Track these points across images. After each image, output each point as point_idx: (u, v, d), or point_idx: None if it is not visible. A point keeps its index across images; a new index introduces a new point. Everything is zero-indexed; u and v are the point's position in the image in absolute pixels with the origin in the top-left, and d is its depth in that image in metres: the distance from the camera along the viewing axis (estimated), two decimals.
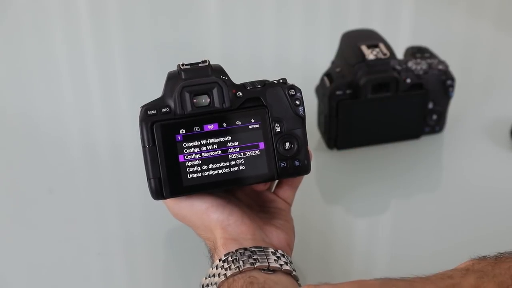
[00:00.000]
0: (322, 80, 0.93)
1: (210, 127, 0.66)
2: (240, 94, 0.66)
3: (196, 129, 0.65)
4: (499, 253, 0.60)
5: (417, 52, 0.96)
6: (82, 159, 0.97)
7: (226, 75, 0.67)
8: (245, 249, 0.64)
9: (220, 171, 0.66)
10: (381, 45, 0.91)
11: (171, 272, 0.78)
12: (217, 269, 0.63)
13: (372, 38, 0.93)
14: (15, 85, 1.14)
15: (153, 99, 0.67)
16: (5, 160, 0.96)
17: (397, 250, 0.81)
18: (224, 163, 0.66)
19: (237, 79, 0.68)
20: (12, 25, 1.35)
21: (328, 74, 0.92)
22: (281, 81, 0.68)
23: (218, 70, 0.67)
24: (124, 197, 0.89)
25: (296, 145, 0.67)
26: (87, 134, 1.01)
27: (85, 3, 1.41)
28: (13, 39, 1.30)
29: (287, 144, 0.67)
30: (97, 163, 0.96)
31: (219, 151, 0.66)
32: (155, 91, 0.69)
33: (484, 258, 0.59)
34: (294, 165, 0.67)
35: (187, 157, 0.65)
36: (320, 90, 0.93)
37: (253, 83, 0.67)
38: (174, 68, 0.69)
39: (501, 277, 0.56)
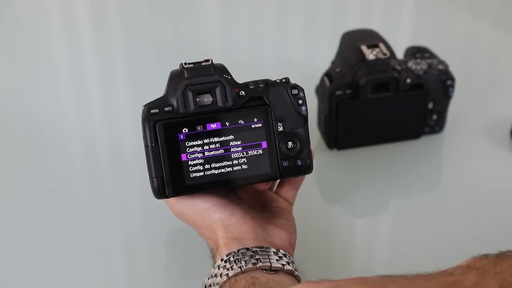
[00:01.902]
0: (322, 80, 0.93)
1: (213, 126, 0.66)
2: (243, 93, 0.66)
3: (199, 128, 0.65)
4: (500, 251, 0.60)
5: (417, 52, 0.96)
6: (82, 158, 0.97)
7: (229, 74, 0.67)
8: (247, 249, 0.64)
9: (223, 170, 0.66)
10: (381, 45, 0.91)
11: (172, 272, 0.78)
12: (219, 269, 0.63)
13: (372, 38, 0.93)
14: (14, 85, 1.14)
15: (154, 98, 0.66)
16: (5, 159, 0.96)
17: (397, 250, 0.81)
18: (227, 162, 0.66)
19: (237, 79, 0.68)
20: (11, 25, 1.35)
21: (328, 74, 0.92)
22: (283, 80, 0.68)
23: (221, 69, 0.67)
24: (124, 197, 0.89)
25: (298, 145, 0.67)
26: (87, 134, 1.01)
27: (85, 3, 1.40)
28: (12, 39, 1.30)
29: (290, 143, 0.67)
30: (97, 162, 0.96)
31: (222, 150, 0.66)
32: (156, 91, 0.69)
33: (485, 256, 0.59)
34: (297, 165, 0.67)
35: (189, 156, 0.65)
36: (320, 90, 0.93)
37: (255, 82, 0.67)
38: (174, 67, 0.69)
39: (502, 275, 0.56)
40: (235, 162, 0.66)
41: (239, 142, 0.66)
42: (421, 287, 0.54)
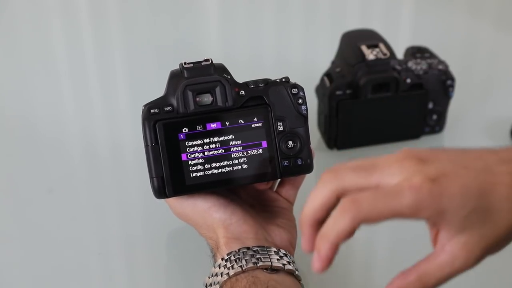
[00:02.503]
0: (322, 80, 0.93)
1: (213, 125, 0.66)
2: (243, 92, 0.66)
3: (199, 127, 0.65)
4: None
5: (417, 52, 0.96)
6: (82, 159, 0.97)
7: (228, 73, 0.67)
8: (248, 248, 0.64)
9: (223, 170, 0.66)
10: (381, 45, 0.91)
11: (172, 271, 0.78)
12: (219, 268, 0.63)
13: (372, 38, 0.93)
14: (14, 85, 1.14)
15: (153, 98, 0.66)
16: (5, 160, 0.96)
17: (397, 249, 0.81)
18: (227, 162, 0.66)
19: (237, 79, 0.68)
20: (11, 25, 1.35)
21: (328, 74, 0.92)
22: (283, 79, 0.68)
23: (221, 69, 0.67)
24: (124, 197, 0.89)
25: (298, 144, 0.67)
26: (87, 134, 1.01)
27: (85, 3, 1.40)
28: (12, 39, 1.29)
29: (290, 142, 0.67)
30: (97, 162, 0.95)
31: (222, 150, 0.66)
32: (155, 91, 0.69)
33: None
34: (297, 164, 0.67)
35: (189, 156, 0.65)
36: (320, 90, 0.93)
37: (255, 82, 0.67)
38: (174, 67, 0.68)
39: None
40: (235, 161, 0.66)
41: (239, 142, 0.66)
42: (476, 159, 0.50)
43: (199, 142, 0.65)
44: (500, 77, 1.15)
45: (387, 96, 0.91)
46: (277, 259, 0.64)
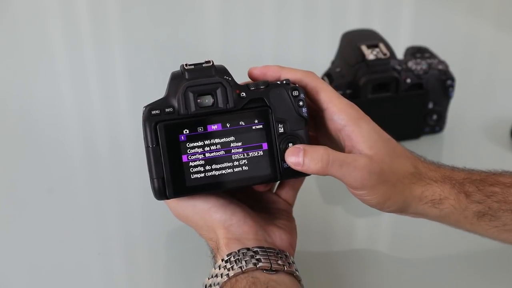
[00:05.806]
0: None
1: (214, 127, 0.66)
2: (244, 94, 0.66)
3: (200, 129, 0.65)
4: None
5: (417, 52, 0.96)
6: (82, 159, 0.97)
7: (229, 75, 0.67)
8: (248, 249, 0.64)
9: (223, 171, 0.66)
10: (381, 45, 0.91)
11: (172, 272, 0.78)
12: (219, 269, 0.63)
13: (372, 38, 0.93)
14: (14, 85, 1.14)
15: (153, 99, 0.66)
16: (5, 160, 0.96)
17: (397, 250, 0.82)
18: (228, 164, 0.66)
19: (237, 79, 0.68)
20: (11, 25, 1.35)
21: (328, 74, 0.92)
22: (284, 82, 0.68)
23: (222, 71, 0.67)
24: (124, 197, 0.89)
25: None
26: (87, 134, 1.01)
27: (85, 3, 1.40)
28: (12, 39, 1.30)
29: (290, 145, 0.67)
30: (97, 163, 0.96)
31: (223, 152, 0.66)
32: (155, 91, 0.69)
33: None
34: None
35: (190, 157, 0.65)
36: None
37: (256, 84, 0.67)
38: (174, 68, 0.68)
39: None
40: (236, 163, 0.66)
41: (239, 144, 0.66)
42: None
43: (200, 143, 0.65)
44: (500, 77, 1.15)
45: (387, 96, 0.91)
46: (277, 260, 0.64)
